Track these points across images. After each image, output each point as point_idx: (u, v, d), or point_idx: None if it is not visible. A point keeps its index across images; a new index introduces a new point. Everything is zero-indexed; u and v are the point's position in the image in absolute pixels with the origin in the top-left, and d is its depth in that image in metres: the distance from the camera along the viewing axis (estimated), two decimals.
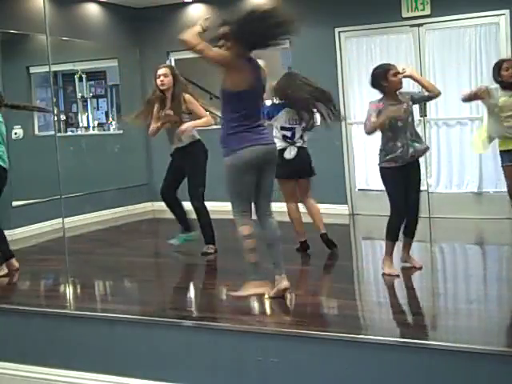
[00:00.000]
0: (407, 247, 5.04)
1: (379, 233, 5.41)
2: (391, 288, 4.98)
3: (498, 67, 5.88)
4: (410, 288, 5.00)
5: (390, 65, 4.97)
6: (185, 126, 5.75)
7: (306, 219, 5.86)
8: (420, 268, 5.00)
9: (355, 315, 4.32)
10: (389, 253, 4.90)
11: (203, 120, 5.85)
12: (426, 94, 5.18)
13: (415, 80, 5.15)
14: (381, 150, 4.87)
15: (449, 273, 5.45)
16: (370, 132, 4.81)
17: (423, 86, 5.14)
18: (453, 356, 3.47)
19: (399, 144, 4.80)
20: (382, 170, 4.89)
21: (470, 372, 3.42)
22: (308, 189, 5.87)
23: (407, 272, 5.40)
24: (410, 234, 4.99)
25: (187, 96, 5.89)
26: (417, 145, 4.87)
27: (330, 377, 3.71)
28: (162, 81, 5.86)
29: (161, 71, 5.91)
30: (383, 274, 4.89)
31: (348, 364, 3.68)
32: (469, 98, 6.00)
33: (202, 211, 5.95)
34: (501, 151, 6.02)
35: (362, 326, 4.14)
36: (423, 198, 7.14)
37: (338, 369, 3.70)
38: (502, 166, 6.03)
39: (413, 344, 3.59)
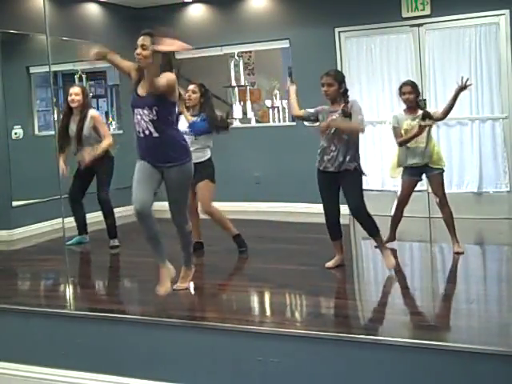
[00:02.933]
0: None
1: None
2: (391, 288, 4.99)
3: (399, 90, 5.70)
4: (409, 288, 5.01)
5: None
6: (87, 159, 6.25)
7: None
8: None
9: (355, 315, 4.32)
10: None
11: (105, 144, 6.37)
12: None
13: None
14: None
15: (449, 273, 5.45)
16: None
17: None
18: (453, 356, 3.47)
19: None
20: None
21: (470, 372, 3.42)
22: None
23: (407, 272, 5.42)
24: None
25: (95, 115, 6.44)
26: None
27: (330, 377, 3.71)
28: (72, 99, 6.37)
29: (73, 90, 6.44)
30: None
31: (348, 364, 3.68)
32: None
33: (106, 204, 6.48)
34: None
35: (362, 326, 4.14)
36: (423, 198, 7.18)
37: (338, 369, 3.70)
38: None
39: (413, 344, 3.59)
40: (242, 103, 9.59)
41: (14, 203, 7.48)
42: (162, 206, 4.91)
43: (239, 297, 4.88)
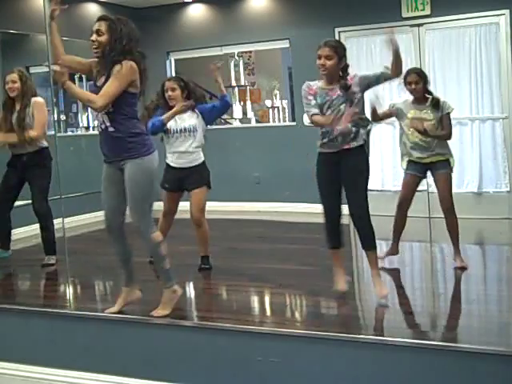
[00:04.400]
0: None
1: (379, 233, 5.40)
2: (391, 288, 4.98)
3: (404, 78, 5.20)
4: (409, 288, 5.00)
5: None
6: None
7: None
8: None
9: (355, 315, 4.32)
10: None
11: (30, 133, 5.67)
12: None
13: None
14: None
15: (449, 273, 5.45)
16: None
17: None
18: (453, 356, 3.47)
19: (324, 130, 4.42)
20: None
21: (470, 372, 3.42)
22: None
23: (407, 272, 5.42)
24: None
25: (37, 100, 5.84)
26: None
27: (330, 377, 3.71)
28: (10, 87, 5.77)
29: (9, 77, 5.81)
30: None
31: (348, 364, 3.68)
32: (379, 118, 5.24)
33: (44, 216, 5.84)
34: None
35: (362, 326, 4.14)
36: (423, 198, 7.18)
37: (338, 369, 3.70)
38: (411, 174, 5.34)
39: (413, 344, 3.59)
40: (242, 103, 9.60)
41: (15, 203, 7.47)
42: (160, 206, 4.90)
43: (239, 297, 4.88)
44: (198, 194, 5.36)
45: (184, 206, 5.99)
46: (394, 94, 7.11)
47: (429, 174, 5.33)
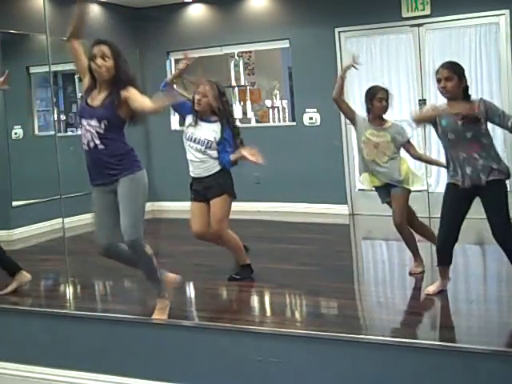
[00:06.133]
0: None
1: (379, 233, 5.42)
2: (391, 288, 4.99)
3: (370, 95, 5.05)
4: (410, 288, 5.00)
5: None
6: None
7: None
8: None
9: (355, 315, 4.33)
10: None
11: None
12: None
13: None
14: None
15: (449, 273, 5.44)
16: None
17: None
18: (453, 356, 3.47)
19: None
20: None
21: (470, 372, 3.42)
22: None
23: (407, 272, 5.41)
24: None
25: None
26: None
27: (330, 377, 3.71)
28: None
29: None
30: None
31: (348, 364, 3.68)
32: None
33: None
34: (375, 187, 5.22)
35: (362, 326, 4.14)
36: (423, 198, 7.18)
37: (338, 369, 3.70)
38: (384, 202, 5.19)
39: (413, 344, 3.59)
40: (242, 103, 9.60)
41: (14, 203, 7.48)
42: (159, 206, 4.90)
43: (239, 297, 4.88)
44: (216, 205, 5.10)
45: (184, 205, 6.00)
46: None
47: (429, 173, 5.33)
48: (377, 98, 4.99)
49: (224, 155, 5.07)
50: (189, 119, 5.13)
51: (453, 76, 4.29)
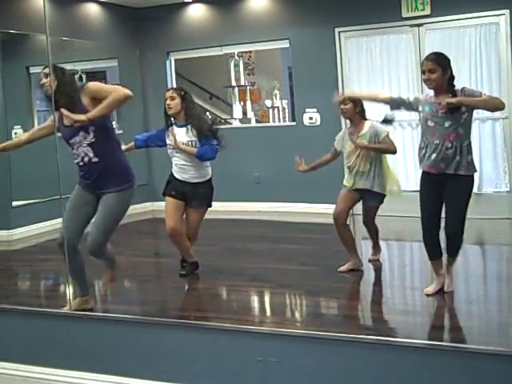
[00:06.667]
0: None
1: (379, 233, 5.42)
2: (391, 288, 4.99)
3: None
4: (409, 288, 5.01)
5: None
6: None
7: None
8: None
9: (355, 315, 4.32)
10: None
11: None
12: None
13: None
14: None
15: None
16: None
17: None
18: (453, 356, 3.47)
19: None
20: None
21: (470, 372, 3.42)
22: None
23: (407, 272, 5.42)
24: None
25: None
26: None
27: (330, 377, 3.71)
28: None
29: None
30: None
31: (348, 364, 3.68)
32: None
33: None
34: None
35: (362, 326, 4.14)
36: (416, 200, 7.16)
37: (338, 369, 3.70)
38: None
39: (413, 344, 3.59)
40: (241, 103, 9.60)
41: (14, 203, 7.48)
42: (159, 206, 4.90)
43: (239, 297, 4.89)
44: (196, 215, 5.31)
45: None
46: None
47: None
48: (342, 104, 5.16)
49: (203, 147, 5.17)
50: (168, 138, 5.31)
51: (436, 68, 4.30)
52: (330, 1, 7.90)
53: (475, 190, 7.26)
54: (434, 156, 4.35)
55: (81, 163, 4.21)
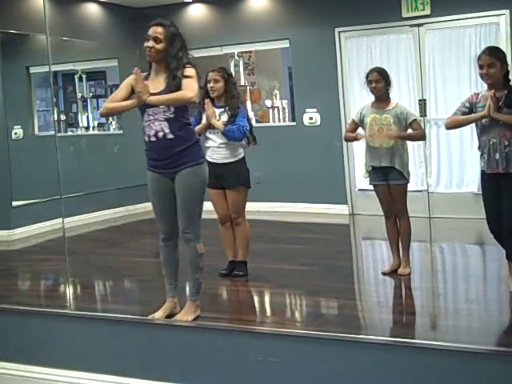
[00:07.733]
0: None
1: (379, 233, 5.41)
2: (391, 288, 4.99)
3: (366, 79, 5.05)
4: (409, 288, 5.01)
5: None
6: None
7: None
8: None
9: (355, 315, 4.32)
10: None
11: None
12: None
13: None
14: None
15: (449, 273, 5.45)
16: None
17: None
18: (453, 356, 3.47)
19: None
20: None
21: (470, 372, 3.42)
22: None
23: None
24: None
25: None
26: None
27: (330, 377, 3.71)
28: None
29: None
30: None
31: (348, 364, 3.68)
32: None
33: None
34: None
35: (362, 326, 4.14)
36: (423, 198, 7.18)
37: (338, 369, 3.70)
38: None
39: (413, 344, 3.59)
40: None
41: (14, 203, 7.48)
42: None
43: (239, 297, 4.89)
44: (234, 196, 5.20)
45: None
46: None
47: (429, 173, 5.32)
48: (368, 81, 5.00)
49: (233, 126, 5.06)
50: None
51: (495, 62, 4.24)
52: (330, 1, 7.90)
53: (476, 189, 7.33)
54: (497, 156, 4.30)
55: (153, 138, 4.04)
